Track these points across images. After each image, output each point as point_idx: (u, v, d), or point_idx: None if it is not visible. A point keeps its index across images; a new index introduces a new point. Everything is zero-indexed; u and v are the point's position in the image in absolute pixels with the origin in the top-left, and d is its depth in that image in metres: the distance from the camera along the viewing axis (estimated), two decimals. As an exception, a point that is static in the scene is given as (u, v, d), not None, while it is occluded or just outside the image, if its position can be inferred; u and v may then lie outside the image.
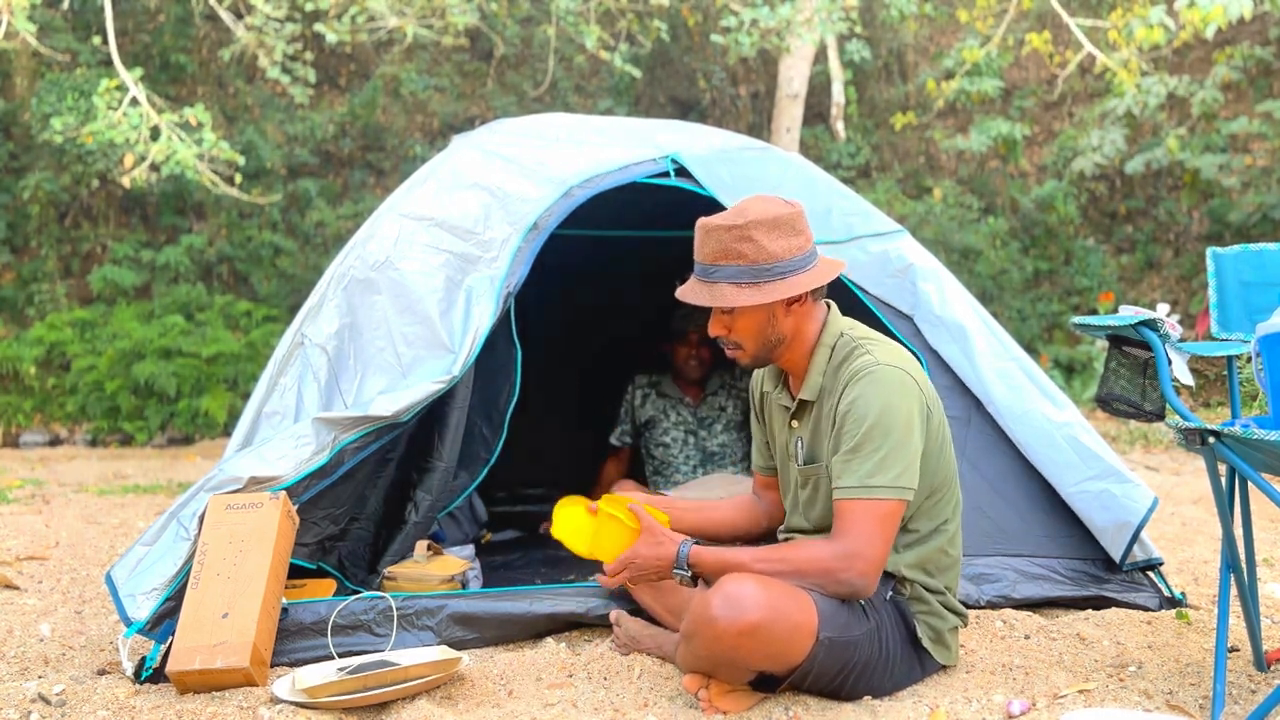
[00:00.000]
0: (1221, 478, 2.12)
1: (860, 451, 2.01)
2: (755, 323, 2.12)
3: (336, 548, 2.78)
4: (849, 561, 1.97)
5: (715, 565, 2.07)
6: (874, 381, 2.04)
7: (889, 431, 2.00)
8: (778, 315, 2.12)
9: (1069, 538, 2.82)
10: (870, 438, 2.00)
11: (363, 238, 3.04)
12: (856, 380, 2.05)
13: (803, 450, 2.21)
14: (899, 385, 2.05)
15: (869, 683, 2.09)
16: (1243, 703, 2.11)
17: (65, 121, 7.78)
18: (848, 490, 2.01)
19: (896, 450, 2.00)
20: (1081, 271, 9.27)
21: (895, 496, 1.99)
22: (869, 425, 2.01)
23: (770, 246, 2.06)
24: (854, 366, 2.08)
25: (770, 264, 2.06)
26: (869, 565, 1.97)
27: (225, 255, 9.26)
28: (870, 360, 2.07)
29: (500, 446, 3.37)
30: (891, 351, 2.13)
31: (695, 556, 2.09)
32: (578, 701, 2.16)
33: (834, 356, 2.14)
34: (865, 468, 2.00)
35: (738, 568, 2.03)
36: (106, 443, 8.07)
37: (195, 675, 2.18)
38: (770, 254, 2.06)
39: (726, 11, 7.88)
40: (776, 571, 2.00)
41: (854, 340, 2.14)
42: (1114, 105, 8.62)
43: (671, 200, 3.19)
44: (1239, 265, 2.39)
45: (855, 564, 1.97)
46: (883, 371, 2.05)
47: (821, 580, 1.99)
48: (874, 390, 2.03)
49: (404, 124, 10.64)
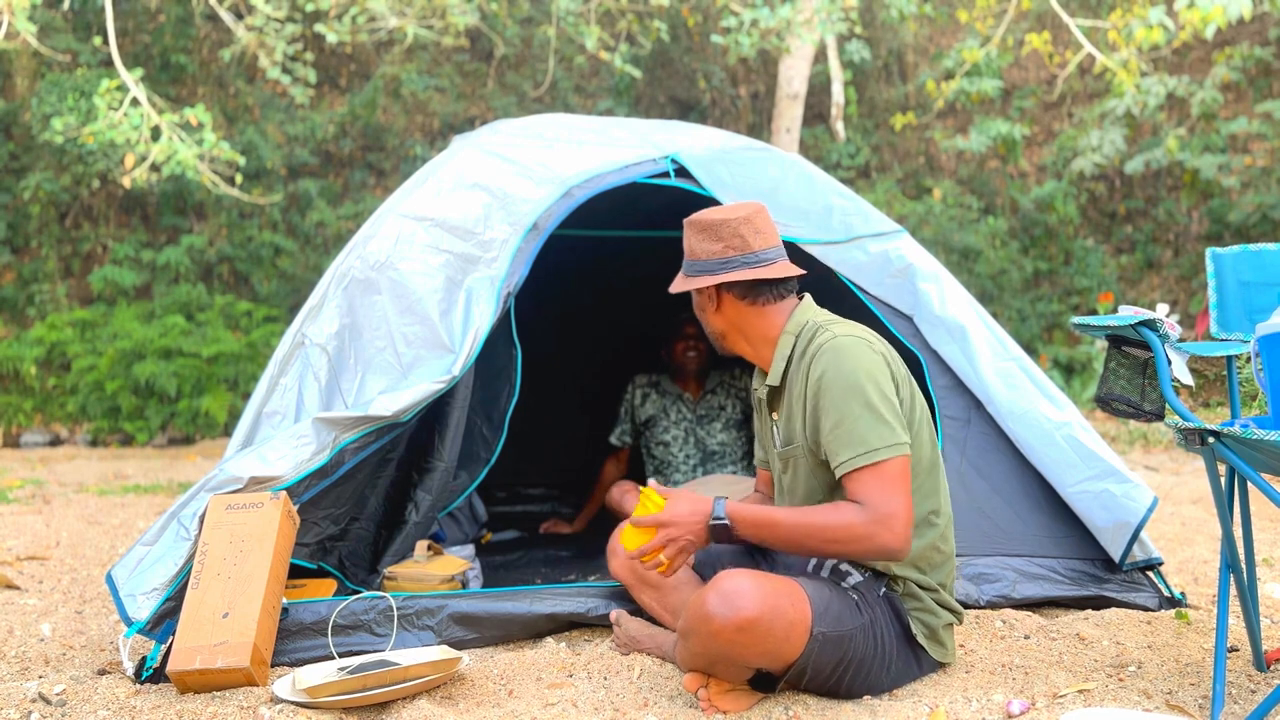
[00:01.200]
0: (1221, 478, 2.12)
1: (844, 423, 2.05)
2: (700, 312, 2.33)
3: (337, 548, 2.78)
4: (880, 525, 1.99)
5: (751, 519, 2.07)
6: (835, 351, 2.10)
7: (863, 394, 2.05)
8: (707, 308, 2.29)
9: (1069, 538, 2.82)
10: (849, 406, 2.05)
11: (363, 238, 3.05)
12: (819, 356, 2.12)
13: (779, 434, 2.27)
14: (859, 351, 2.10)
15: (866, 680, 2.10)
16: (1242, 703, 2.11)
17: (66, 122, 7.79)
18: (850, 463, 2.03)
19: (877, 409, 2.04)
20: (1081, 271, 9.28)
21: (896, 454, 2.03)
22: (842, 394, 2.06)
23: (694, 245, 2.27)
24: (814, 344, 2.15)
25: (693, 260, 2.27)
26: (900, 524, 2.00)
27: (226, 255, 9.26)
28: (828, 335, 2.14)
29: (500, 446, 3.38)
30: (851, 327, 2.20)
31: (731, 509, 2.08)
32: (578, 701, 2.16)
33: (798, 343, 2.21)
34: (856, 436, 2.03)
35: (770, 524, 2.06)
36: (107, 443, 8.08)
37: (196, 675, 2.18)
38: (692, 252, 2.27)
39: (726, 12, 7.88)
40: (809, 532, 2.02)
41: (815, 324, 2.21)
42: (1114, 105, 8.63)
43: (671, 200, 3.19)
44: (1239, 265, 2.40)
45: (889, 525, 1.99)
46: (840, 341, 2.11)
47: (854, 544, 2.01)
48: (836, 360, 2.09)
49: (404, 124, 10.65)
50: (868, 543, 1.99)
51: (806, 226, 3.05)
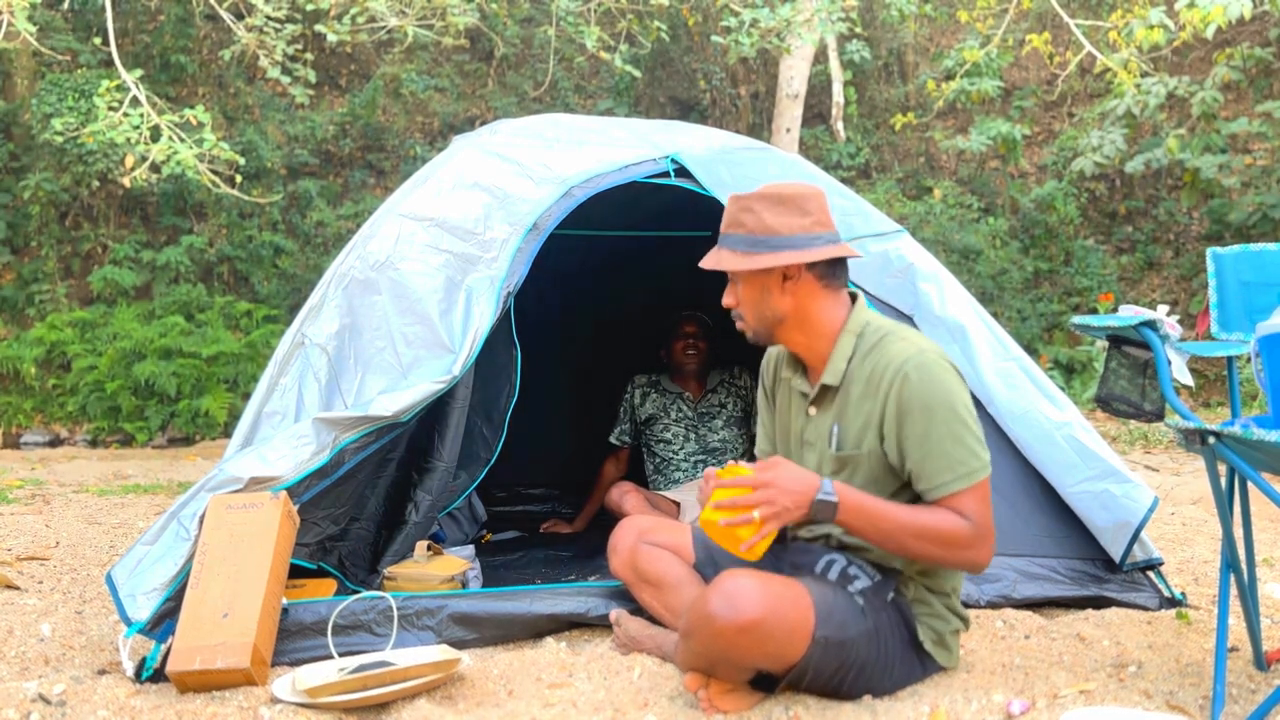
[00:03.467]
0: (1221, 478, 2.12)
1: (944, 444, 2.04)
2: (751, 294, 2.15)
3: (337, 548, 2.78)
4: (981, 539, 2.04)
5: (857, 504, 2.02)
6: (928, 370, 2.06)
7: (960, 417, 2.05)
8: (772, 289, 2.14)
9: (1069, 538, 2.82)
10: (949, 428, 2.04)
11: (363, 238, 3.04)
12: (909, 371, 2.06)
13: (835, 437, 2.17)
14: (948, 370, 2.09)
15: (868, 682, 2.09)
16: (1243, 703, 2.11)
17: (66, 122, 7.78)
18: (950, 484, 2.03)
19: (969, 430, 2.06)
20: (1081, 271, 9.27)
21: (986, 475, 2.06)
22: (943, 416, 2.04)
23: (769, 220, 2.10)
24: (895, 357, 2.08)
25: (765, 236, 2.10)
26: (993, 542, 2.07)
27: (225, 255, 9.26)
28: (914, 349, 2.08)
29: (500, 446, 3.37)
30: (922, 337, 2.18)
31: (841, 489, 2.01)
32: (578, 701, 2.15)
33: (861, 344, 2.15)
34: (957, 457, 2.03)
35: (878, 514, 2.02)
36: (107, 443, 8.07)
37: (195, 675, 2.18)
38: (767, 227, 2.10)
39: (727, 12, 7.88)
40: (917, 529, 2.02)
41: (880, 329, 2.16)
42: (1114, 105, 8.62)
43: (671, 200, 3.19)
44: (1239, 265, 2.39)
45: (987, 541, 2.05)
46: (929, 359, 2.08)
47: (954, 550, 2.04)
48: (932, 380, 2.05)
49: (404, 124, 10.64)
50: (967, 552, 2.04)
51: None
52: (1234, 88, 9.56)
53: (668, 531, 2.49)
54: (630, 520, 2.60)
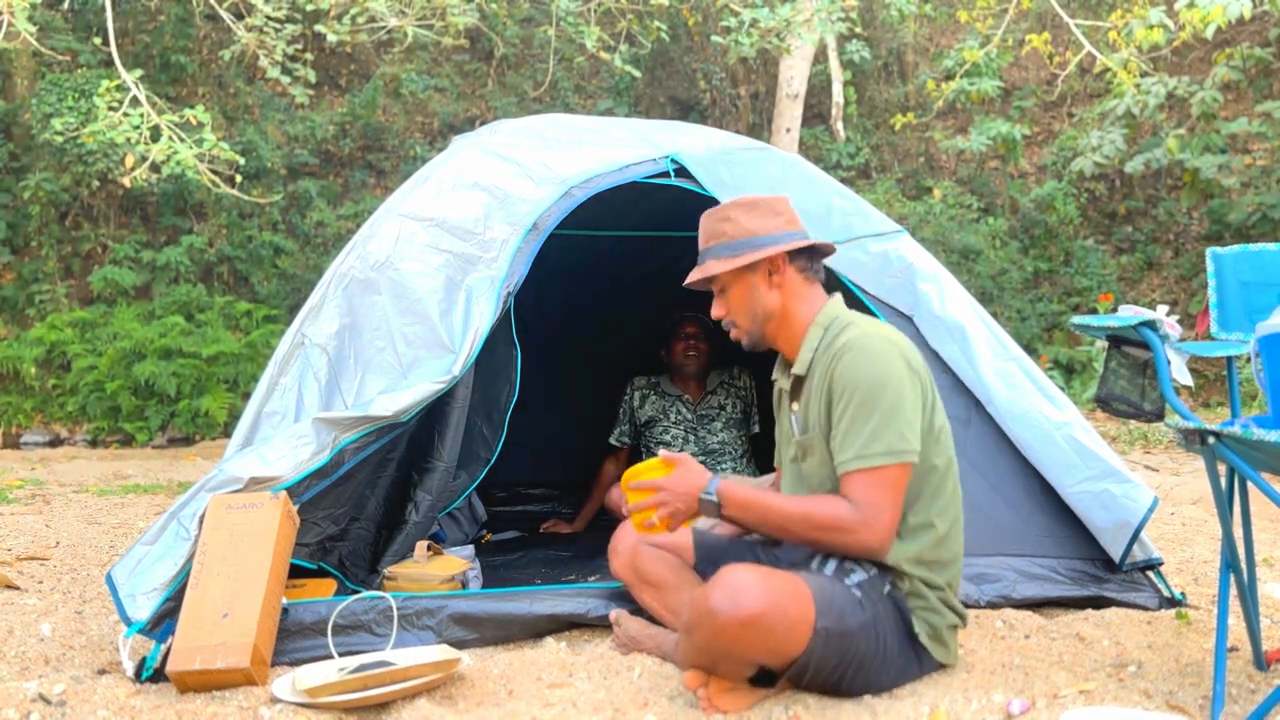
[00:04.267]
0: (1221, 478, 2.12)
1: (855, 423, 2.08)
2: (742, 294, 2.27)
3: (337, 548, 2.78)
4: (865, 524, 2.05)
5: (739, 500, 2.12)
6: (860, 352, 2.12)
7: (878, 399, 2.07)
8: (760, 286, 2.25)
9: (1069, 538, 2.82)
10: (862, 408, 2.08)
11: (363, 238, 3.05)
12: (843, 352, 2.14)
13: (797, 423, 2.28)
14: (884, 352, 2.12)
15: (867, 678, 2.09)
16: (1242, 703, 2.11)
17: (66, 122, 7.78)
18: (847, 463, 2.07)
19: (889, 416, 2.06)
20: (1081, 271, 9.27)
21: (894, 461, 2.06)
22: (859, 395, 2.09)
23: (748, 224, 2.25)
24: (840, 341, 2.16)
25: (748, 238, 2.24)
26: (883, 529, 2.06)
27: (225, 255, 9.27)
28: (858, 333, 2.15)
29: (500, 446, 3.37)
30: (880, 325, 2.23)
31: (723, 488, 2.13)
32: (578, 701, 2.16)
33: (826, 335, 2.23)
34: (861, 438, 2.06)
35: (759, 508, 2.11)
36: (107, 443, 8.07)
37: (195, 675, 2.18)
38: (747, 229, 2.24)
39: (727, 12, 7.88)
40: (797, 518, 2.08)
41: (845, 320, 2.23)
42: (1114, 105, 8.62)
43: (671, 200, 3.19)
44: (1239, 265, 2.40)
45: (872, 527, 2.05)
46: (867, 341, 2.13)
47: (836, 536, 2.07)
48: (860, 360, 2.11)
49: (404, 124, 10.64)
50: (849, 537, 2.06)
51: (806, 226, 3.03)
52: (1234, 88, 9.56)
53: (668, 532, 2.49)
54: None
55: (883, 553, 2.08)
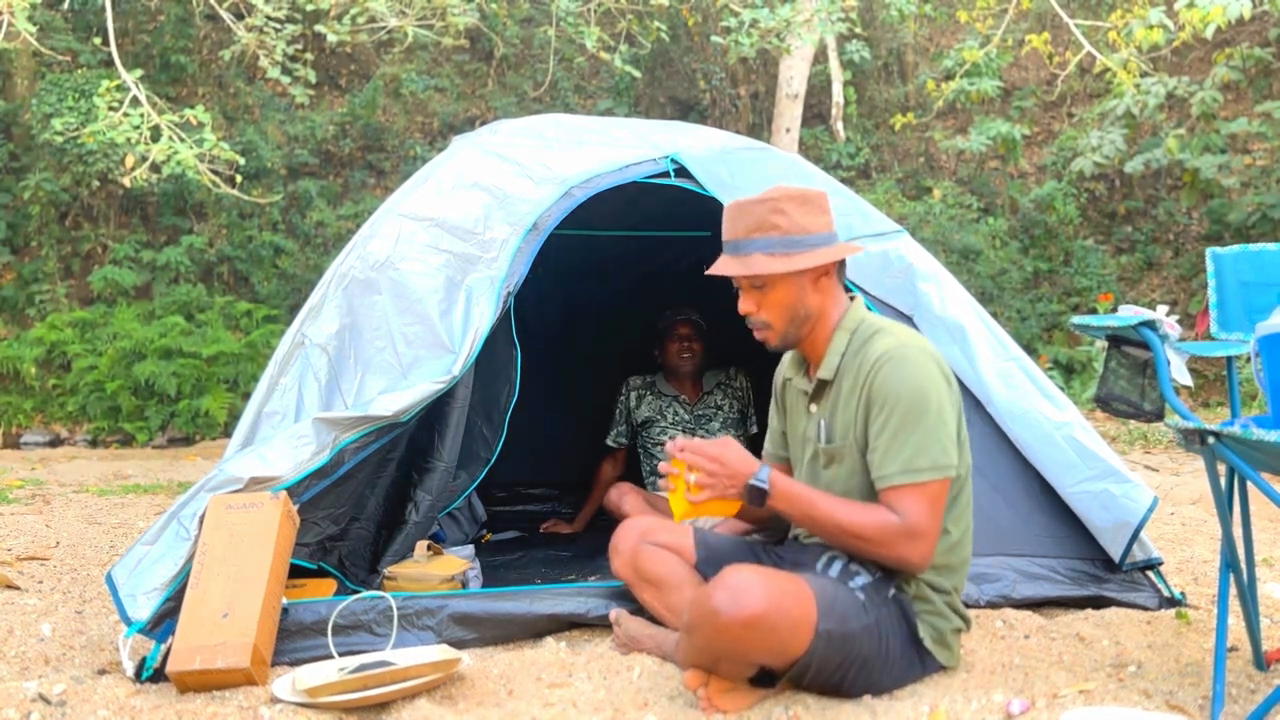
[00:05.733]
0: (1221, 478, 2.12)
1: (898, 437, 2.06)
2: (787, 296, 2.17)
3: (337, 548, 2.78)
4: (909, 538, 2.04)
5: (788, 492, 2.10)
6: (902, 363, 2.09)
7: (923, 412, 2.06)
8: (807, 289, 2.18)
9: (1069, 538, 2.82)
10: (906, 421, 2.06)
11: (363, 238, 3.05)
12: (884, 363, 2.10)
13: (824, 430, 2.23)
14: (925, 365, 2.10)
15: (869, 679, 2.09)
16: (1242, 703, 2.11)
17: (66, 122, 7.78)
18: (892, 477, 2.06)
19: (933, 430, 2.05)
20: (1081, 272, 9.27)
21: (939, 476, 2.05)
22: (901, 408, 2.06)
23: (802, 220, 2.14)
24: (878, 349, 2.12)
25: (802, 236, 2.14)
26: (927, 543, 2.05)
27: (225, 255, 9.27)
28: (895, 343, 2.12)
29: (500, 446, 3.37)
30: (913, 334, 2.20)
31: (775, 477, 2.10)
32: (578, 701, 2.16)
33: (854, 340, 2.19)
34: (906, 453, 2.05)
35: (807, 503, 2.09)
36: (107, 443, 8.07)
37: (195, 675, 2.18)
38: (802, 226, 2.14)
39: (726, 12, 7.88)
40: (843, 523, 2.06)
41: (874, 325, 2.20)
42: (1113, 105, 8.62)
43: (671, 200, 3.19)
44: (1238, 265, 2.40)
45: (916, 540, 2.04)
46: (909, 353, 2.10)
47: (880, 547, 2.05)
48: (903, 372, 2.08)
49: (404, 124, 10.65)
50: (892, 550, 2.05)
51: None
52: (1233, 88, 9.56)
53: (669, 532, 2.49)
54: (632, 521, 2.61)
55: (923, 568, 2.07)
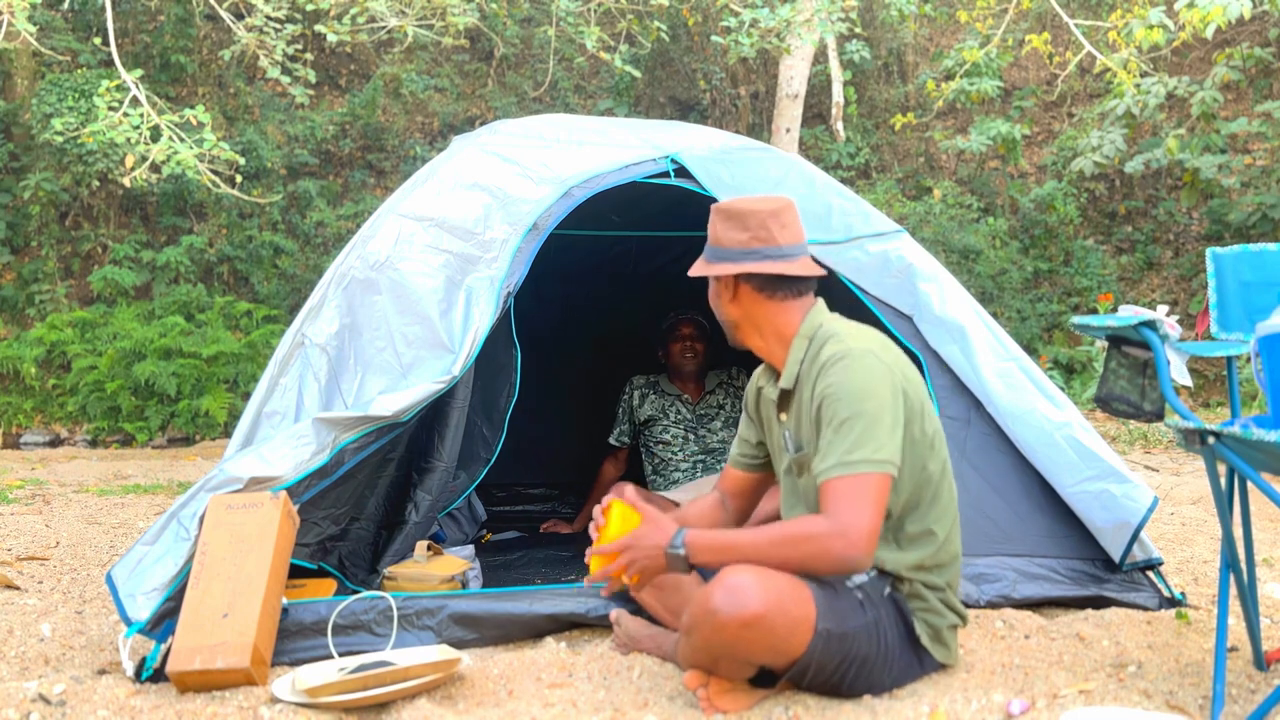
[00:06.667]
0: (1221, 478, 2.12)
1: (838, 433, 2.04)
2: (714, 299, 2.30)
3: (337, 548, 2.78)
4: (841, 534, 1.96)
5: (707, 545, 2.07)
6: (845, 366, 2.09)
7: (861, 410, 2.03)
8: (724, 298, 2.27)
9: (1069, 538, 2.82)
10: (845, 419, 2.04)
11: (363, 238, 3.05)
12: (828, 367, 2.11)
13: (790, 440, 2.25)
14: (867, 365, 2.09)
15: (868, 679, 2.09)
16: (1242, 703, 2.11)
17: (66, 122, 7.78)
18: (827, 470, 2.02)
19: (871, 426, 2.02)
20: (1081, 272, 9.28)
21: (876, 470, 2.00)
22: (842, 407, 2.05)
23: (718, 232, 2.25)
24: (825, 355, 2.13)
25: (715, 246, 2.25)
26: (860, 537, 1.96)
27: (225, 255, 9.27)
28: (842, 347, 2.12)
29: (500, 446, 3.37)
30: (862, 336, 2.18)
31: (690, 538, 2.07)
32: (578, 701, 2.16)
33: (811, 346, 2.20)
34: (842, 446, 2.02)
35: (730, 547, 2.04)
36: (107, 443, 8.07)
37: (195, 675, 2.18)
38: (718, 238, 2.25)
39: (726, 12, 7.88)
40: (771, 547, 2.01)
41: (829, 331, 2.19)
42: (1113, 105, 8.63)
43: (671, 200, 3.19)
44: (1239, 265, 2.40)
45: (847, 536, 1.96)
46: (852, 355, 2.10)
47: (816, 556, 1.98)
48: (845, 374, 2.08)
49: (404, 124, 10.65)
50: (826, 552, 1.97)
51: (806, 226, 3.04)
52: (1233, 88, 9.56)
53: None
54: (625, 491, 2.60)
55: (862, 563, 1.98)
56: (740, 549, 2.04)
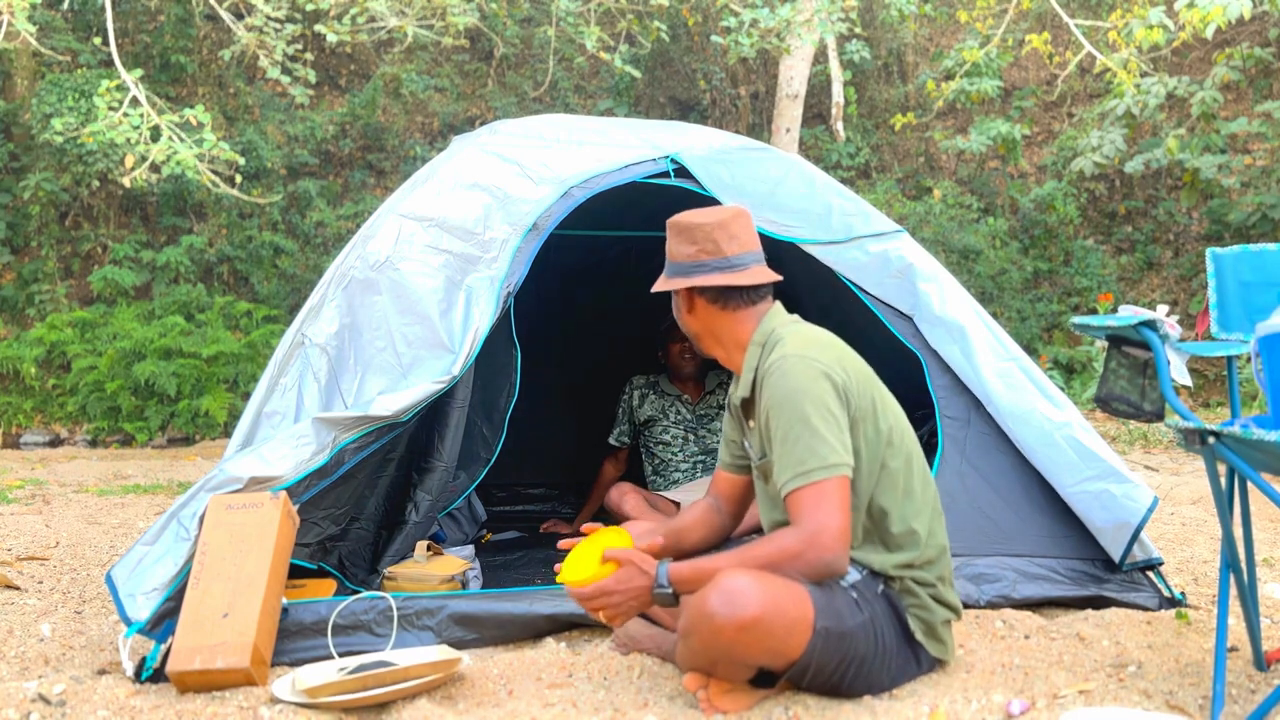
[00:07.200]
0: (1221, 478, 2.12)
1: (785, 445, 2.06)
2: (676, 312, 2.35)
3: (337, 548, 2.78)
4: (813, 541, 2.00)
5: (691, 576, 2.09)
6: (780, 375, 2.10)
7: (802, 417, 2.05)
8: (682, 310, 2.31)
9: (1069, 538, 2.82)
10: (790, 429, 2.06)
11: (363, 238, 3.05)
12: (767, 377, 2.13)
13: (752, 447, 2.28)
14: (800, 371, 2.09)
15: (867, 677, 2.09)
16: (1242, 703, 2.11)
17: (66, 122, 7.78)
18: (786, 485, 2.05)
19: (817, 432, 2.04)
20: (1081, 272, 9.28)
21: (830, 474, 2.02)
22: (785, 417, 2.07)
23: (673, 247, 2.29)
24: (767, 364, 2.16)
25: (670, 262, 2.29)
26: (832, 540, 2.00)
27: (225, 255, 9.27)
28: (779, 355, 2.14)
29: (500, 446, 3.37)
30: (802, 339, 2.17)
31: (674, 573, 2.11)
32: (578, 701, 2.16)
33: (763, 354, 2.21)
34: (794, 457, 2.04)
35: (711, 573, 2.04)
36: (107, 443, 8.07)
37: (195, 675, 2.18)
38: (671, 254, 2.29)
39: (726, 12, 7.88)
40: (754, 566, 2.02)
41: (776, 337, 2.20)
42: (1114, 105, 8.63)
43: (672, 200, 3.19)
44: (1239, 265, 2.40)
45: (820, 540, 1.99)
46: (786, 363, 2.11)
47: (795, 566, 2.01)
48: (780, 384, 2.09)
49: (404, 124, 10.65)
50: (802, 561, 2.00)
51: (806, 226, 3.05)
52: (1233, 88, 9.56)
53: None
54: (631, 525, 2.61)
55: (840, 565, 2.01)
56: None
